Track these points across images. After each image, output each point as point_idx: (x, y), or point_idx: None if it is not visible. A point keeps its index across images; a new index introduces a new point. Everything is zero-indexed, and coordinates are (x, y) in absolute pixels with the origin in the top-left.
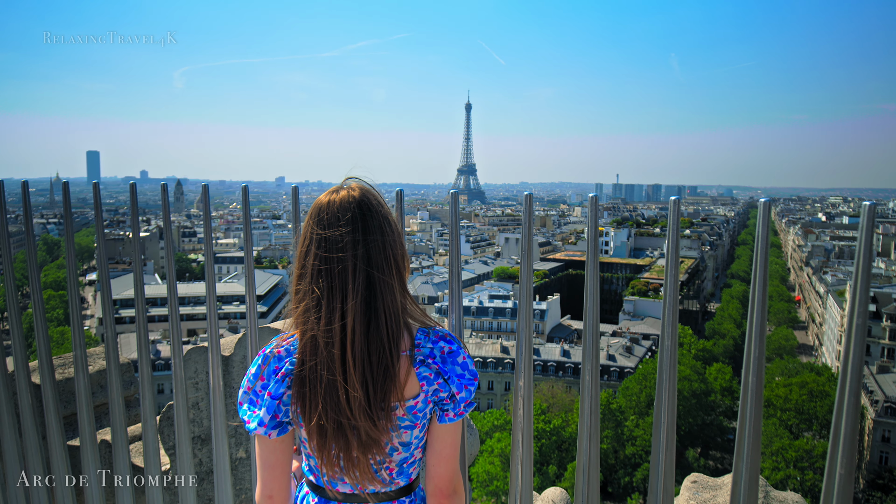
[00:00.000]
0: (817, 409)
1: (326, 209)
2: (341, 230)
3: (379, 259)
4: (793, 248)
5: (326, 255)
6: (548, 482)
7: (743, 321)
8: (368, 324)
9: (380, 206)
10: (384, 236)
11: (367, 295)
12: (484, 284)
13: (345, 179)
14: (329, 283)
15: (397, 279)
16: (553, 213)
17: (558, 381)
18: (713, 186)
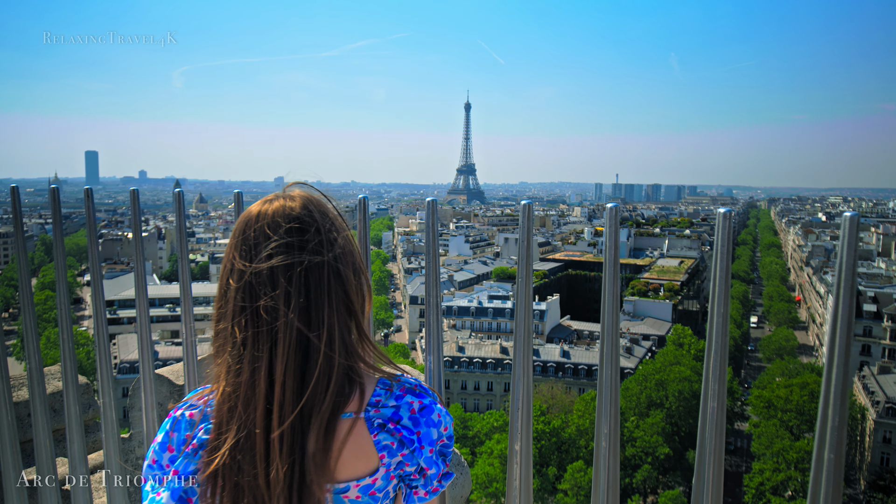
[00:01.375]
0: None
1: (254, 225)
2: (271, 252)
3: (322, 291)
4: (793, 248)
5: (251, 286)
6: (548, 483)
7: (743, 321)
8: (303, 378)
9: (325, 221)
10: (334, 260)
11: (303, 340)
12: (483, 285)
13: (288, 186)
14: (254, 325)
15: (349, 316)
16: (553, 213)
17: (558, 382)
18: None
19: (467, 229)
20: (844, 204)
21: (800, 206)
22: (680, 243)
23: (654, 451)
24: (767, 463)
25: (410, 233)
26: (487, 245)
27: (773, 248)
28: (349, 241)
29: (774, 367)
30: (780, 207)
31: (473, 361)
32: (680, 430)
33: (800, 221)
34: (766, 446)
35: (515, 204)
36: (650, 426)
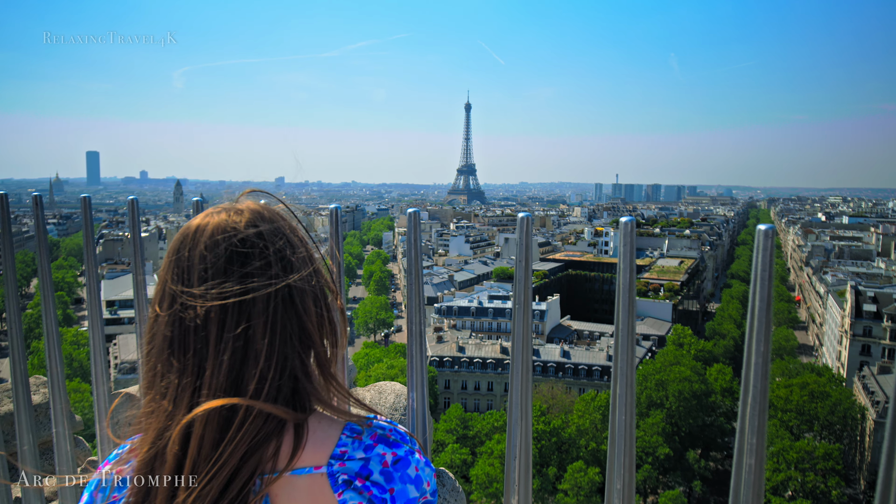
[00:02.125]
0: (818, 409)
1: (189, 243)
2: (205, 277)
3: (267, 325)
4: (792, 248)
5: (180, 318)
6: (548, 483)
7: (743, 321)
8: (226, 427)
9: (277, 239)
10: (286, 288)
11: (235, 379)
12: (483, 285)
13: (243, 193)
14: (180, 366)
15: (304, 352)
16: (553, 214)
17: (558, 382)
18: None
19: (467, 229)
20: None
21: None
22: (680, 243)
23: (654, 451)
24: (767, 463)
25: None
26: (488, 245)
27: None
28: (309, 263)
29: (774, 367)
30: (780, 207)
31: (474, 361)
32: (680, 430)
33: (799, 221)
34: (766, 446)
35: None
36: (650, 426)
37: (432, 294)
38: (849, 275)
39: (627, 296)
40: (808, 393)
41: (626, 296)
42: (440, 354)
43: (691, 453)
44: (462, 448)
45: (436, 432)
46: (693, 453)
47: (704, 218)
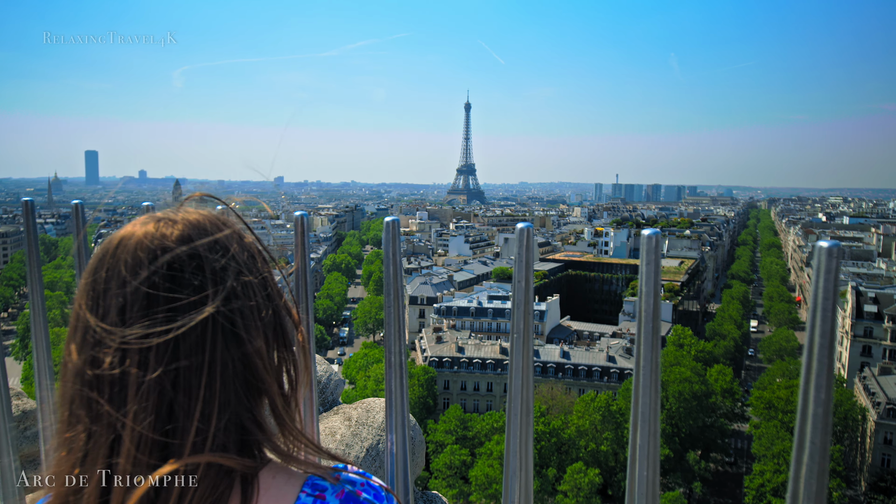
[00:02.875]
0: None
1: (110, 260)
2: (126, 304)
3: (199, 360)
4: (793, 249)
5: (95, 352)
6: (547, 484)
7: (744, 322)
8: (155, 496)
9: (217, 258)
10: (227, 317)
11: (163, 433)
12: (483, 285)
13: (188, 198)
14: (93, 415)
15: (252, 396)
16: (552, 214)
17: (558, 383)
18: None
19: (467, 229)
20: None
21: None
22: (680, 244)
23: None
24: (768, 464)
25: (410, 233)
26: (487, 245)
27: (773, 248)
28: (260, 288)
29: (775, 368)
30: (781, 208)
31: (473, 362)
32: (680, 432)
33: (800, 222)
34: (767, 447)
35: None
36: None
37: (431, 294)
38: (849, 275)
39: (652, 309)
40: None
41: (649, 307)
42: (439, 355)
43: (691, 454)
44: (462, 449)
45: (435, 433)
46: (693, 454)
47: (705, 218)
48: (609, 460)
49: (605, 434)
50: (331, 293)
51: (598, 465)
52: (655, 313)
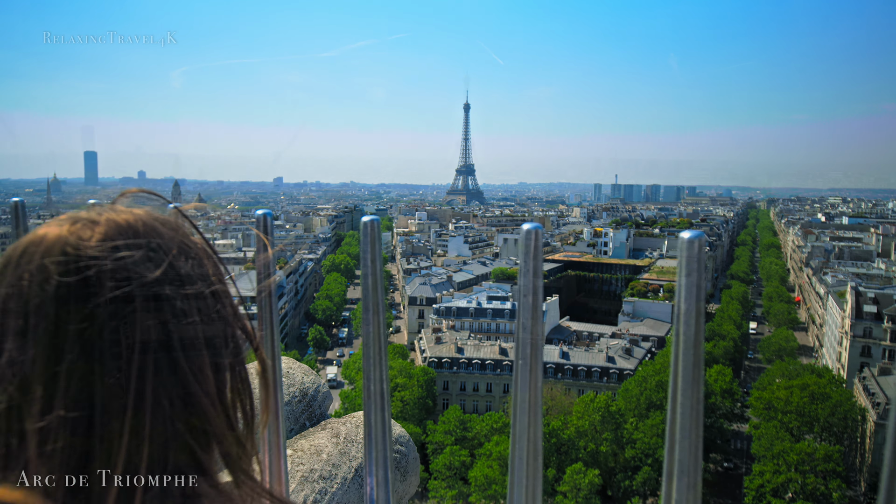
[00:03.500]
0: (818, 411)
1: (13, 269)
2: (29, 326)
3: (126, 396)
4: (792, 249)
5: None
6: (546, 485)
7: (743, 322)
8: None
9: (151, 263)
10: (161, 341)
11: (74, 487)
12: (482, 285)
13: (121, 195)
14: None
15: (193, 436)
16: (552, 214)
17: (557, 384)
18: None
19: (466, 230)
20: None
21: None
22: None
23: (654, 452)
24: (767, 465)
25: (409, 233)
26: (487, 245)
27: (772, 248)
28: (209, 303)
29: (774, 369)
30: (780, 208)
31: (472, 363)
32: None
33: (799, 222)
34: (767, 448)
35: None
36: (650, 428)
37: (431, 295)
38: (849, 275)
39: (693, 331)
40: (808, 394)
41: (689, 327)
42: (439, 355)
43: None
44: (461, 450)
45: (434, 433)
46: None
47: (704, 218)
48: (609, 461)
49: (604, 434)
50: (330, 294)
51: (598, 466)
52: (698, 334)
